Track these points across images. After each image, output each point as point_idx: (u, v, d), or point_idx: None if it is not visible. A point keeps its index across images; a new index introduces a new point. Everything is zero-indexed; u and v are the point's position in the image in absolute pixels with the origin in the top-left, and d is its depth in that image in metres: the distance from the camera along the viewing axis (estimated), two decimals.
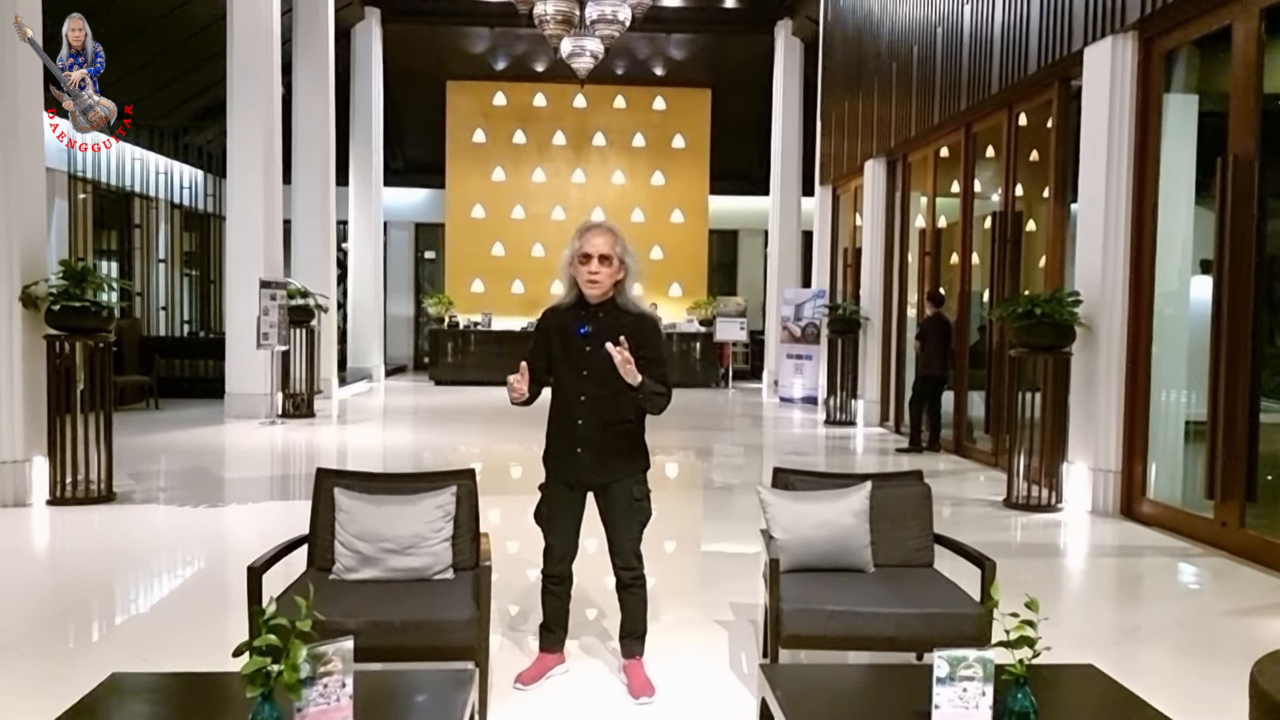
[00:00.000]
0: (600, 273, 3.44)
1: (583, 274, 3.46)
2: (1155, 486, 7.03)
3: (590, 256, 3.44)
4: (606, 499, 3.60)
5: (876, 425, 12.29)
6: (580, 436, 3.51)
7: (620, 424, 3.54)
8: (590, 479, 3.57)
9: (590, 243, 3.45)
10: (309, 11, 14.34)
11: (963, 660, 2.33)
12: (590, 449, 3.51)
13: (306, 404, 12.31)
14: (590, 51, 12.36)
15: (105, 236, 15.77)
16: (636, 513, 3.60)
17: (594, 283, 3.45)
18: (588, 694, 3.63)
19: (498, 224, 19.33)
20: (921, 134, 10.98)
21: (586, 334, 3.49)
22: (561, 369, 3.56)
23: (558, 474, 3.62)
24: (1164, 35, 6.84)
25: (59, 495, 6.88)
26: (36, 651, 4.08)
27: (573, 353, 3.53)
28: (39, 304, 6.75)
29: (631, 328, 3.47)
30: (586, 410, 3.51)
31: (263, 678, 2.16)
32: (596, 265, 3.43)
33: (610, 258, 3.45)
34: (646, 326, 3.54)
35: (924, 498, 3.88)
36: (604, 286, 3.47)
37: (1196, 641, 4.54)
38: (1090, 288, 7.14)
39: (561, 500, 3.62)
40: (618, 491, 3.57)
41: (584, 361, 3.50)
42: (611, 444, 3.54)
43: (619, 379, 3.36)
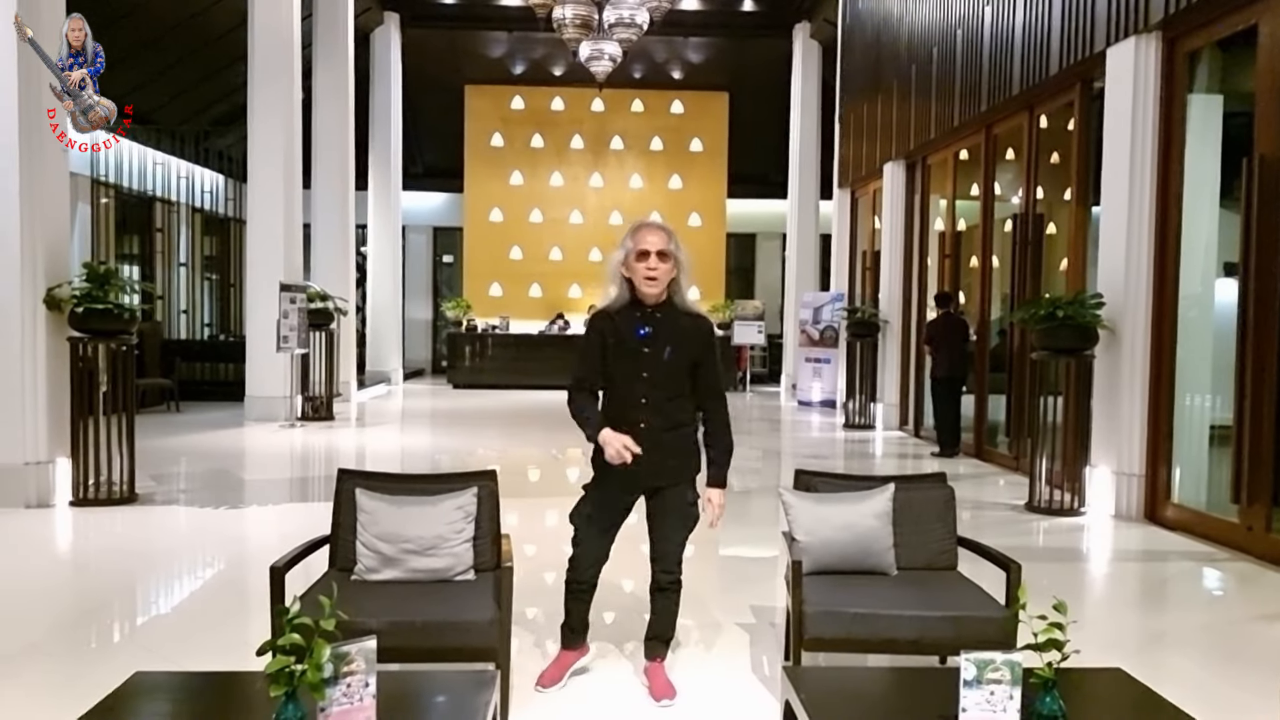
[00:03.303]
0: (658, 269, 3.40)
1: (640, 271, 3.41)
2: (1180, 491, 6.96)
3: (648, 253, 3.40)
4: (659, 502, 3.55)
5: (896, 429, 12.23)
6: (642, 440, 3.40)
7: (680, 427, 3.50)
8: (648, 482, 3.52)
9: (646, 239, 3.41)
10: (329, 17, 14.43)
11: (990, 663, 2.31)
12: (651, 453, 3.42)
13: (326, 407, 12.36)
14: (608, 55, 12.38)
15: (127, 240, 15.90)
16: (687, 518, 3.56)
17: (652, 280, 3.40)
18: (609, 696, 3.61)
19: (516, 228, 19.37)
20: (941, 136, 10.92)
21: (646, 335, 3.44)
22: (619, 372, 3.49)
23: (614, 477, 3.49)
24: (1188, 35, 6.78)
25: (81, 496, 6.93)
26: (60, 650, 4.11)
27: (632, 355, 3.46)
28: (62, 306, 6.80)
29: (689, 330, 3.46)
30: (648, 413, 3.45)
31: (286, 677, 2.15)
32: (655, 261, 3.39)
33: (667, 254, 3.41)
34: (704, 330, 3.52)
35: (947, 500, 3.85)
36: (662, 284, 3.42)
37: (1222, 647, 4.48)
38: (1113, 290, 7.08)
39: (609, 503, 3.56)
40: (671, 495, 3.53)
41: (644, 364, 3.45)
42: (672, 447, 3.49)
43: (679, 381, 3.40)
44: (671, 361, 3.43)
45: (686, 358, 3.47)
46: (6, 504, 6.66)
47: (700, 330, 3.51)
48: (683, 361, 3.46)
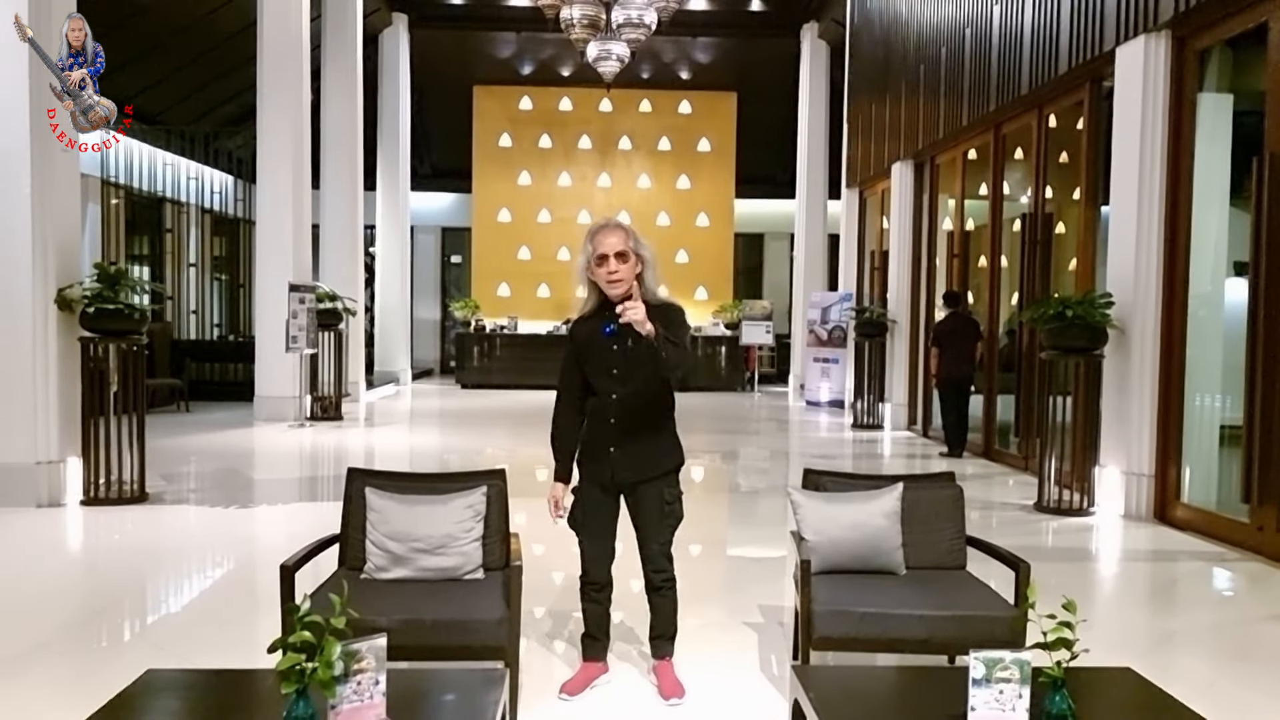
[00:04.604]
0: (619, 270, 3.42)
1: (602, 276, 3.45)
2: (1189, 491, 6.93)
3: (606, 257, 3.42)
4: (637, 501, 3.58)
5: (904, 429, 12.21)
6: (613, 435, 3.49)
7: (652, 422, 3.54)
8: (623, 478, 3.55)
9: (604, 243, 3.43)
10: (338, 18, 14.46)
11: (999, 662, 2.30)
12: (623, 448, 3.50)
13: (335, 407, 12.38)
14: (616, 55, 12.36)
15: (137, 241, 15.95)
16: (667, 516, 3.57)
17: (616, 282, 3.43)
18: (618, 695, 3.62)
19: (524, 228, 19.38)
20: (949, 136, 10.90)
21: (612, 332, 3.47)
22: (593, 373, 3.55)
23: (591, 475, 3.60)
24: (1198, 34, 6.76)
25: (92, 496, 6.96)
26: (70, 649, 4.13)
27: (601, 353, 3.52)
28: (73, 306, 6.84)
29: (656, 315, 3.44)
30: (618, 409, 3.50)
31: (298, 674, 2.16)
32: (615, 264, 3.42)
33: (626, 254, 3.43)
34: (671, 312, 3.48)
35: (956, 500, 3.84)
36: (626, 284, 3.43)
37: (1232, 648, 4.46)
38: (1123, 289, 7.06)
39: (595, 503, 3.60)
40: (648, 494, 3.55)
41: (612, 360, 3.49)
42: (644, 441, 3.52)
43: (648, 376, 3.39)
44: (637, 354, 3.40)
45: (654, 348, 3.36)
46: (18, 503, 6.69)
47: (667, 313, 3.43)
48: (650, 353, 3.33)
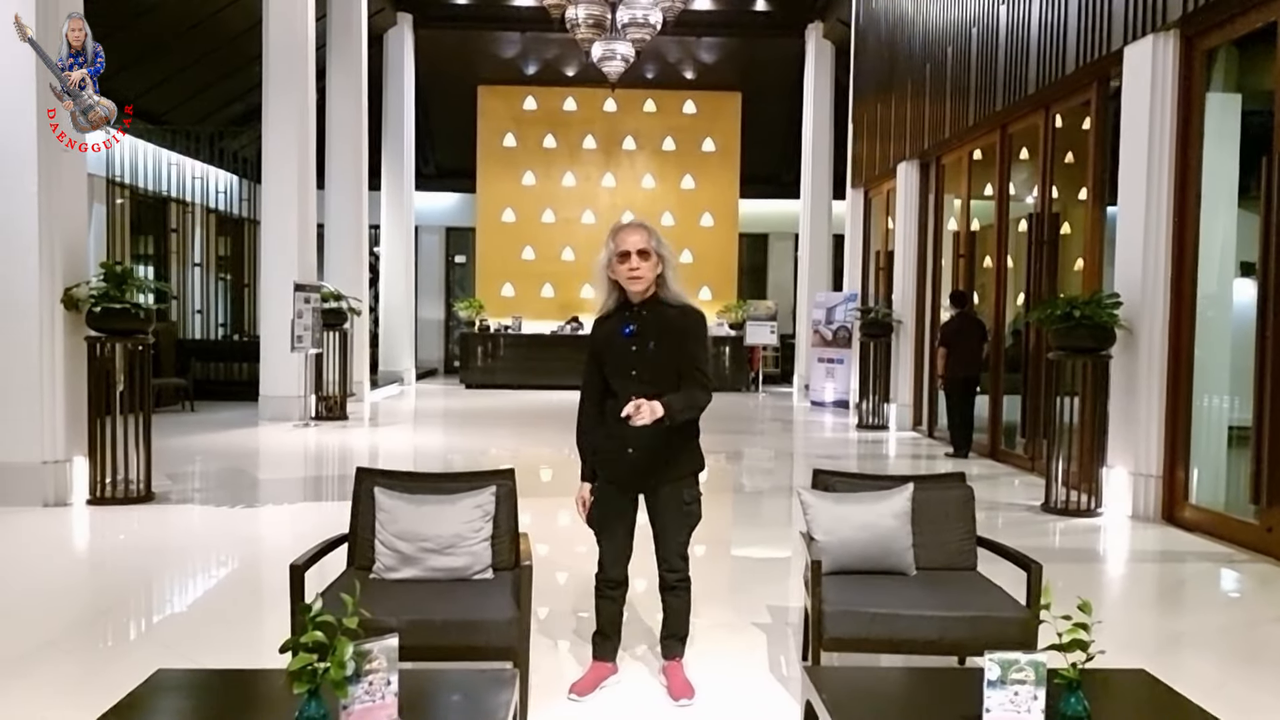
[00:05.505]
0: (640, 268, 3.43)
1: (623, 273, 3.45)
2: (1198, 492, 6.91)
3: (629, 254, 3.43)
4: (656, 501, 3.56)
5: (909, 429, 12.18)
6: (631, 438, 3.43)
7: (671, 425, 3.50)
8: (641, 481, 3.54)
9: (626, 240, 3.44)
10: (342, 18, 14.46)
11: (1014, 663, 2.29)
12: (641, 451, 3.47)
13: (339, 407, 12.39)
14: (621, 55, 12.35)
15: (142, 241, 15.97)
16: (686, 517, 3.56)
17: (636, 279, 3.43)
18: (628, 695, 3.61)
19: (528, 228, 19.37)
20: (955, 136, 10.88)
21: (631, 333, 3.47)
22: (612, 373, 3.53)
23: (609, 476, 3.58)
24: (1206, 33, 6.74)
25: (99, 495, 6.96)
26: (77, 648, 4.13)
27: (620, 354, 3.50)
28: (80, 306, 6.84)
29: (675, 322, 3.46)
30: None
31: (309, 674, 2.15)
32: (636, 261, 3.42)
33: (648, 252, 3.43)
34: (690, 319, 3.50)
35: (966, 500, 3.84)
36: (646, 281, 3.45)
37: (1242, 649, 4.45)
38: (1130, 290, 7.04)
39: (612, 503, 3.58)
40: (668, 495, 3.53)
41: (631, 361, 3.48)
42: (663, 445, 3.49)
43: (669, 376, 3.39)
44: (657, 356, 3.42)
45: (673, 351, 3.45)
46: (25, 502, 6.69)
47: (686, 320, 3.49)
48: (669, 355, 3.44)
